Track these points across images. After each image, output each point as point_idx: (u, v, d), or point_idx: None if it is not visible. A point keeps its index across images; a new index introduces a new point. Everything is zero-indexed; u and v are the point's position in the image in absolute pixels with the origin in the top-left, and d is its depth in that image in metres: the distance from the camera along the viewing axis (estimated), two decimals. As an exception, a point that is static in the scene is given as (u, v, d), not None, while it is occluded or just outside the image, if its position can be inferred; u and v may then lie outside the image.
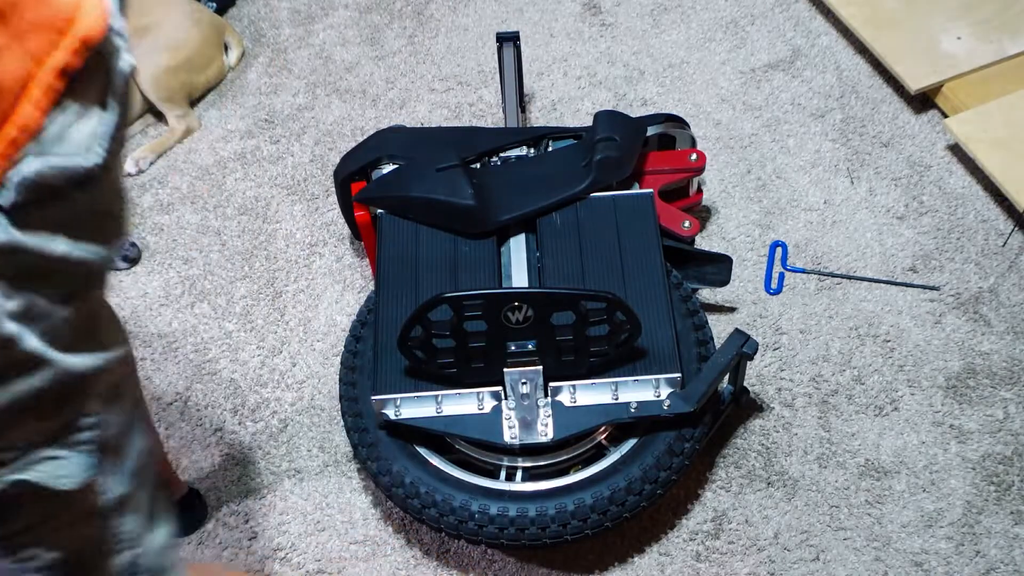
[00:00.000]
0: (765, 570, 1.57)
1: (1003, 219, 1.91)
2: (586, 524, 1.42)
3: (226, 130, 2.15)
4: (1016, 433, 1.66)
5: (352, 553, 1.63)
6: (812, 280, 1.86)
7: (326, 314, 1.88)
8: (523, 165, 1.68)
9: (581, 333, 1.38)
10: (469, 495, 1.43)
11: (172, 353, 1.85)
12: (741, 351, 1.49)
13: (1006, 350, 1.75)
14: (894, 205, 1.94)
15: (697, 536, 1.60)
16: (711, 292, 1.84)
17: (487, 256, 1.57)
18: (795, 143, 2.04)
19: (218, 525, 1.66)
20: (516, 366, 1.44)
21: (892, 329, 1.79)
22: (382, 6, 2.36)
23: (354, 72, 2.24)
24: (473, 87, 2.19)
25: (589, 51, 2.23)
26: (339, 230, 1.98)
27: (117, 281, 1.94)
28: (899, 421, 1.69)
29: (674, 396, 1.44)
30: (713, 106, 2.11)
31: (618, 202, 1.61)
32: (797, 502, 1.62)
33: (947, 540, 1.57)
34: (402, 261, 1.56)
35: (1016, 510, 1.59)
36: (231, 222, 2.01)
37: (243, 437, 1.75)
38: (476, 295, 1.34)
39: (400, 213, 1.62)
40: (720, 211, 1.96)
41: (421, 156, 1.65)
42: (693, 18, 2.27)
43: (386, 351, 1.47)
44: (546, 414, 1.44)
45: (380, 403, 1.45)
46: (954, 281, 1.83)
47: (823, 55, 2.18)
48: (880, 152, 2.02)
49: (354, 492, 1.68)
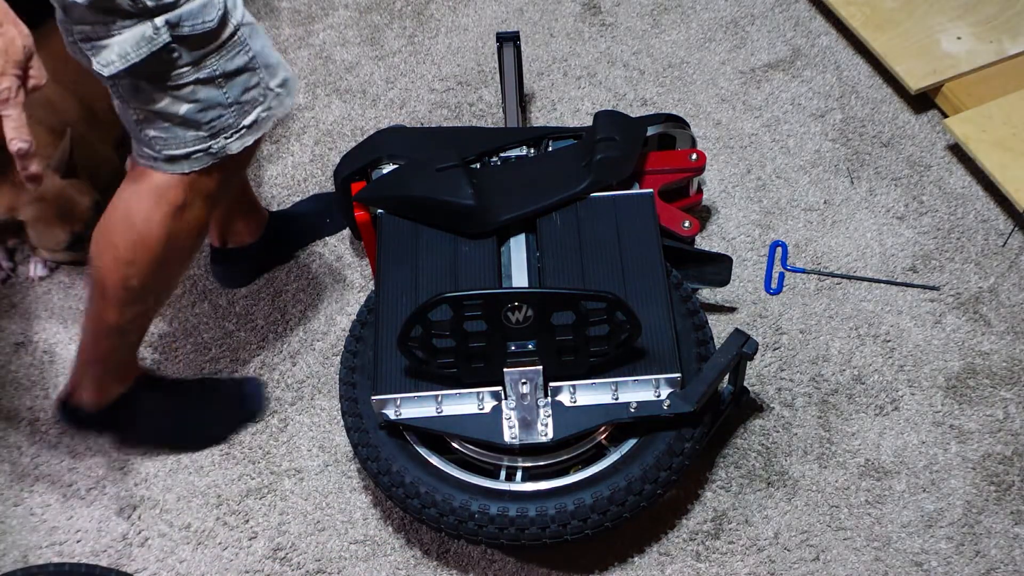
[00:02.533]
0: (765, 570, 1.57)
1: (1003, 219, 1.91)
2: (586, 524, 1.42)
3: (226, 130, 2.15)
4: (1016, 433, 1.66)
5: (352, 553, 1.63)
6: (812, 280, 1.86)
7: (326, 314, 1.88)
8: (523, 165, 1.68)
9: (581, 333, 1.38)
10: (469, 495, 1.43)
11: (172, 353, 1.85)
12: (741, 351, 1.49)
13: (1006, 350, 1.75)
14: (894, 205, 1.94)
15: (697, 536, 1.60)
16: (711, 292, 1.85)
17: (487, 256, 1.57)
18: (795, 143, 2.04)
19: (218, 525, 1.67)
20: (516, 366, 1.44)
21: (892, 329, 1.79)
22: (382, 6, 2.36)
23: (354, 72, 2.24)
24: (473, 87, 2.19)
25: (589, 51, 2.23)
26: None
27: (117, 281, 1.94)
28: (899, 421, 1.69)
29: (674, 396, 1.44)
30: (713, 106, 2.12)
31: (618, 202, 1.61)
32: (797, 502, 1.62)
33: (947, 540, 1.57)
34: (402, 261, 1.56)
35: (1016, 510, 1.59)
36: (231, 222, 2.01)
37: (243, 437, 1.75)
38: (476, 295, 1.34)
39: (400, 213, 1.62)
40: (720, 211, 1.96)
41: (421, 156, 1.65)
42: (693, 18, 2.27)
43: (386, 351, 1.47)
44: (546, 414, 1.44)
45: (380, 403, 1.45)
46: (954, 281, 1.84)
47: (823, 55, 2.18)
48: (880, 152, 2.02)
49: (354, 492, 1.68)
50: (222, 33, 1.24)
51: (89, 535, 1.67)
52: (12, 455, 1.76)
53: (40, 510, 1.70)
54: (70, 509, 1.70)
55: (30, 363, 1.86)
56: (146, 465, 1.73)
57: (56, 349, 1.87)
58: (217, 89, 1.28)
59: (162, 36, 1.19)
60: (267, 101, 1.35)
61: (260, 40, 1.32)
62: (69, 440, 1.77)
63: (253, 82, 1.32)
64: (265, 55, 1.33)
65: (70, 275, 1.96)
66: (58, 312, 1.92)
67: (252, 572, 1.62)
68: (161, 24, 1.18)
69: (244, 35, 1.27)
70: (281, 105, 1.38)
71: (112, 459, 1.74)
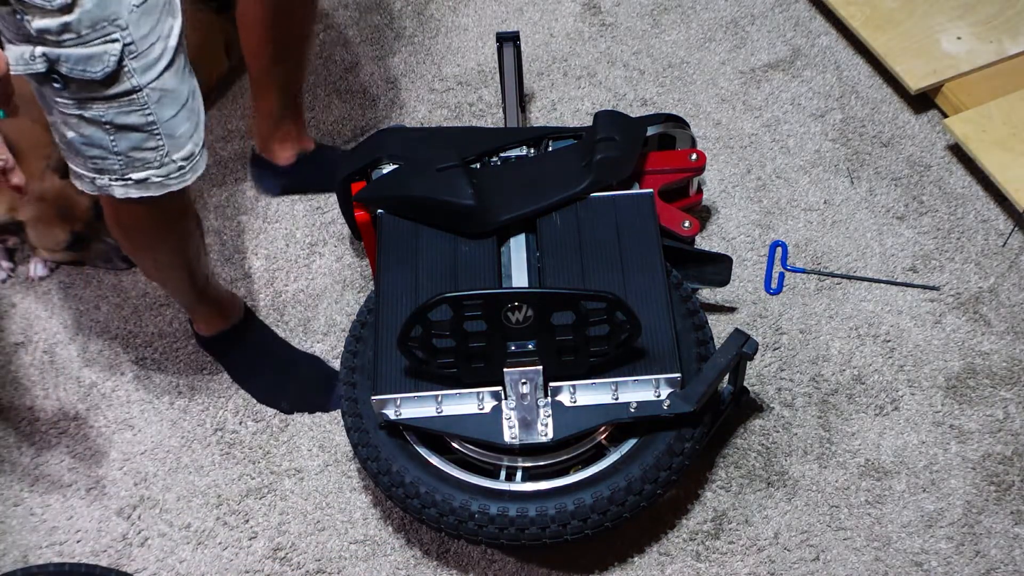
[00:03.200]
0: (765, 570, 1.57)
1: (1003, 219, 1.91)
2: (586, 524, 1.42)
3: (227, 130, 2.15)
4: (1016, 433, 1.66)
5: (352, 553, 1.63)
6: (812, 280, 1.86)
7: (326, 314, 1.88)
8: (523, 165, 1.68)
9: (581, 333, 1.38)
10: (469, 495, 1.43)
11: (173, 353, 1.85)
12: (741, 351, 1.49)
13: (1006, 350, 1.75)
14: (894, 205, 1.94)
15: (697, 536, 1.60)
16: (711, 292, 1.85)
17: (487, 256, 1.57)
18: (795, 143, 2.04)
19: (218, 525, 1.67)
20: (516, 366, 1.44)
21: (892, 329, 1.79)
22: (382, 6, 2.36)
23: (354, 72, 2.24)
24: (473, 87, 2.19)
25: (589, 51, 2.23)
26: (339, 230, 1.98)
27: (118, 281, 1.94)
28: (899, 421, 1.69)
29: (674, 396, 1.44)
30: (713, 106, 2.12)
31: (618, 202, 1.61)
32: (797, 502, 1.62)
33: (947, 540, 1.57)
34: (402, 261, 1.56)
35: (1016, 510, 1.59)
36: (231, 222, 2.01)
37: (243, 437, 1.75)
38: (476, 295, 1.34)
39: (400, 213, 1.62)
40: (720, 211, 1.96)
41: (421, 156, 1.65)
42: (693, 18, 2.27)
43: (386, 351, 1.47)
44: (546, 414, 1.44)
45: (380, 403, 1.45)
46: (954, 281, 1.84)
47: (823, 55, 2.18)
48: (880, 152, 2.02)
49: (354, 492, 1.68)
50: (112, 87, 1.16)
51: (89, 535, 1.67)
52: (12, 455, 1.76)
53: (40, 510, 1.70)
54: (70, 509, 1.70)
55: (30, 363, 1.86)
56: (146, 465, 1.73)
57: (56, 349, 1.87)
58: (105, 134, 1.21)
59: (37, 65, 1.12)
60: (164, 169, 1.27)
61: (171, 109, 1.23)
62: (69, 440, 1.77)
63: (149, 144, 1.24)
64: (172, 125, 1.24)
65: (70, 275, 1.96)
66: (58, 312, 1.92)
67: (252, 572, 1.62)
68: (39, 54, 1.12)
69: (147, 98, 1.19)
70: (181, 179, 1.30)
71: (112, 459, 1.74)
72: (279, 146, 1.96)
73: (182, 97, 1.25)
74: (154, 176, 1.27)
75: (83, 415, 1.79)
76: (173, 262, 1.55)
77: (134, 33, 1.14)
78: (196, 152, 1.30)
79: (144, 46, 1.16)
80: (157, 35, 1.18)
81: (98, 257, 1.91)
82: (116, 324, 1.89)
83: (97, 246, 1.89)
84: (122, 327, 1.89)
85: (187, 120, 1.27)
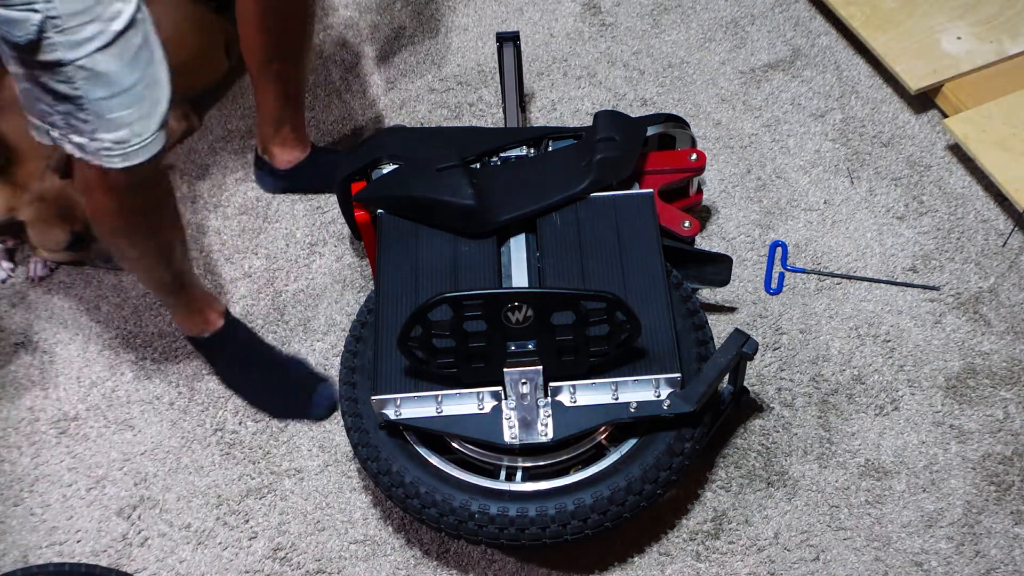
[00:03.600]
0: (765, 570, 1.57)
1: (1003, 219, 1.91)
2: (586, 524, 1.42)
3: (227, 130, 2.15)
4: (1016, 433, 1.66)
5: (352, 553, 1.63)
6: (812, 280, 1.86)
7: (326, 314, 1.88)
8: (523, 165, 1.68)
9: (581, 333, 1.38)
10: (469, 495, 1.43)
11: (172, 353, 1.85)
12: (741, 351, 1.49)
13: (1006, 350, 1.75)
14: (894, 205, 1.94)
15: (697, 536, 1.60)
16: (711, 292, 1.85)
17: (487, 256, 1.57)
18: (795, 143, 2.05)
19: (218, 525, 1.67)
20: (516, 366, 1.44)
21: (892, 329, 1.79)
22: (382, 6, 2.36)
23: (354, 72, 2.24)
24: (473, 87, 2.19)
25: (589, 51, 2.23)
26: (339, 230, 1.98)
27: (118, 281, 1.94)
28: (899, 421, 1.69)
29: (674, 396, 1.44)
30: (713, 106, 2.12)
31: (618, 202, 1.61)
32: (797, 502, 1.62)
33: (947, 540, 1.57)
34: (402, 261, 1.56)
35: (1016, 510, 1.59)
36: (231, 222, 2.01)
37: (243, 437, 1.75)
38: (476, 295, 1.34)
39: (400, 213, 1.62)
40: (720, 211, 1.96)
41: (421, 156, 1.65)
42: (693, 18, 2.27)
43: (386, 351, 1.47)
44: (546, 414, 1.44)
45: (380, 403, 1.45)
46: (954, 281, 1.84)
47: (823, 55, 2.18)
48: (880, 152, 2.02)
49: (354, 492, 1.68)
50: (38, 54, 1.16)
51: (89, 535, 1.67)
52: (12, 455, 1.76)
53: (40, 510, 1.70)
54: (70, 509, 1.70)
55: (30, 363, 1.86)
56: (146, 465, 1.73)
57: (56, 349, 1.87)
58: (43, 92, 1.22)
59: None
60: (94, 144, 1.27)
61: (103, 91, 1.21)
62: (69, 440, 1.77)
63: (80, 116, 1.24)
64: (102, 107, 1.23)
65: (70, 275, 1.96)
66: (58, 312, 1.92)
67: (252, 572, 1.62)
68: None
69: (75, 75, 1.19)
70: (111, 160, 1.29)
71: (112, 459, 1.74)
72: (279, 149, 1.96)
73: (123, 83, 1.23)
74: (88, 146, 1.28)
75: (83, 415, 1.80)
76: (147, 250, 1.55)
77: (60, 8, 1.14)
78: (134, 140, 1.28)
79: (72, 23, 1.15)
80: (93, 16, 1.16)
81: (98, 257, 1.92)
82: (116, 324, 1.89)
83: (97, 246, 1.89)
84: (122, 327, 1.89)
85: (125, 107, 1.25)
